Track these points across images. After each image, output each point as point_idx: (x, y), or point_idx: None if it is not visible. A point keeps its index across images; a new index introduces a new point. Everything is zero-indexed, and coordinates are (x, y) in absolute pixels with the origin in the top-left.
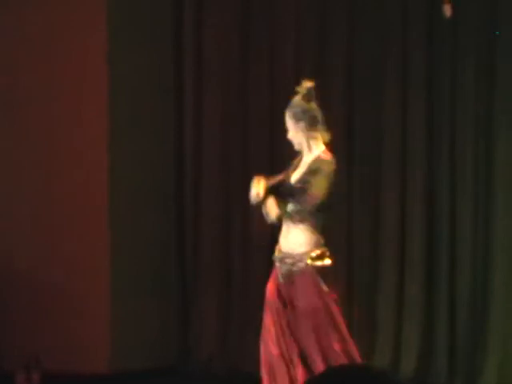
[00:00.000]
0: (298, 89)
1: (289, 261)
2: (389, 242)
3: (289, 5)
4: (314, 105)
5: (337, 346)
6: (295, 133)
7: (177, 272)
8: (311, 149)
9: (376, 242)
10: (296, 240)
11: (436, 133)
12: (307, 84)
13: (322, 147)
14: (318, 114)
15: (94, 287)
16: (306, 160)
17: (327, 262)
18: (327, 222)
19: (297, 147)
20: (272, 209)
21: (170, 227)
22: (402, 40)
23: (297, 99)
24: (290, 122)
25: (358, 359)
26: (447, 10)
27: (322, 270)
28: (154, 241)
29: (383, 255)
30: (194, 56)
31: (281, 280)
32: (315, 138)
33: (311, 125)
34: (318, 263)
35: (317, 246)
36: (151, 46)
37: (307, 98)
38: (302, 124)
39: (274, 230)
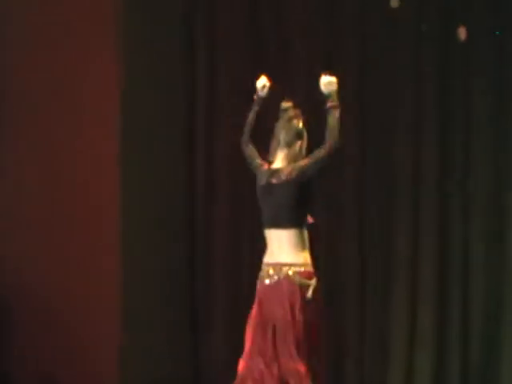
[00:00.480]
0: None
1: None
2: (400, 269)
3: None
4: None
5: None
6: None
7: (188, 286)
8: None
9: (387, 268)
10: None
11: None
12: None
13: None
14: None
15: (105, 301)
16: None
17: None
18: None
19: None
20: None
21: (182, 241)
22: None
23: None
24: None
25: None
26: (462, 33)
27: None
28: (166, 255)
29: (395, 282)
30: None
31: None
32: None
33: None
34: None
35: None
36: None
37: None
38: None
39: None
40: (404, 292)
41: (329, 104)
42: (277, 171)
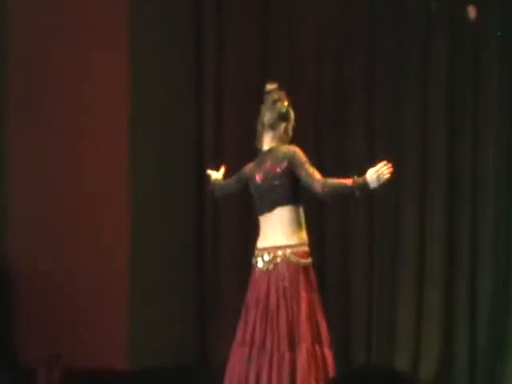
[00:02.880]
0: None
1: None
2: (408, 250)
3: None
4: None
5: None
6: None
7: (196, 274)
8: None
9: (395, 251)
10: None
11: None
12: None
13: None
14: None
15: (114, 288)
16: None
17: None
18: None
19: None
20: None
21: (190, 229)
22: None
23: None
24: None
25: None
26: (471, 12)
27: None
28: (174, 243)
29: (403, 265)
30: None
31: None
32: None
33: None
34: None
35: None
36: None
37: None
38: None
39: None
40: (411, 277)
41: (355, 177)
42: (269, 155)
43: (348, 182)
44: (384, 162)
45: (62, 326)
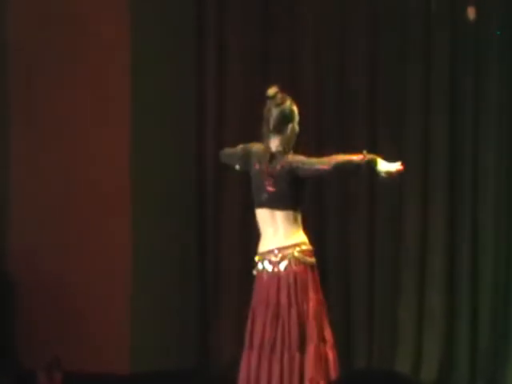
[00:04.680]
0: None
1: None
2: (409, 252)
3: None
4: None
5: None
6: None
7: (197, 274)
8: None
9: (397, 252)
10: None
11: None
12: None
13: None
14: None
15: (115, 289)
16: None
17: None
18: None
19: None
20: None
21: (191, 229)
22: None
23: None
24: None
25: None
26: (471, 13)
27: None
28: (175, 243)
29: (404, 266)
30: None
31: None
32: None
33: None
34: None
35: None
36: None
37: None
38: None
39: None
40: (412, 275)
41: (365, 151)
42: (273, 157)
43: (356, 157)
44: (399, 162)
45: (62, 329)
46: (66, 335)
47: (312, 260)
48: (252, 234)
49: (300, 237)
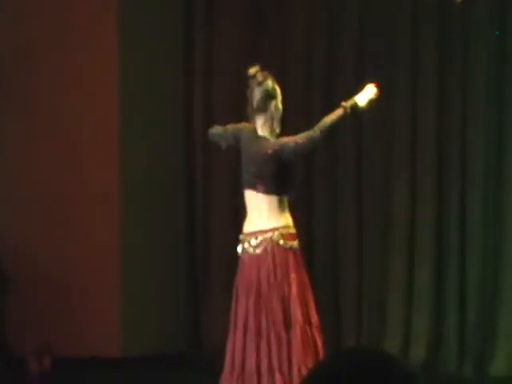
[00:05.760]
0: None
1: None
2: (398, 229)
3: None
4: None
5: None
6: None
7: (187, 259)
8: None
9: (385, 230)
10: None
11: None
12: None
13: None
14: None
15: (105, 274)
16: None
17: None
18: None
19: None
20: None
21: (180, 220)
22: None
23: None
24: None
25: None
26: None
27: None
28: (165, 230)
29: (392, 243)
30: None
31: None
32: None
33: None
34: None
35: None
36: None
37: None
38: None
39: None
40: (401, 253)
41: (343, 102)
42: (260, 140)
43: (337, 112)
44: (371, 84)
45: (53, 314)
46: (56, 321)
47: (293, 243)
48: (241, 220)
49: (282, 220)
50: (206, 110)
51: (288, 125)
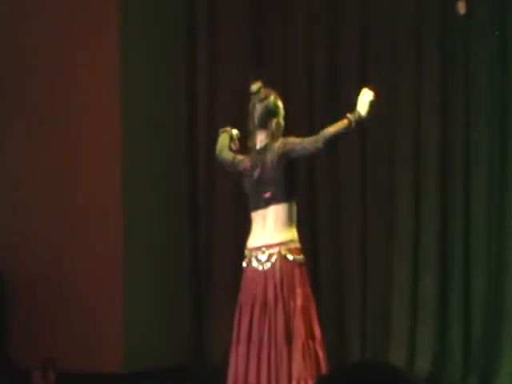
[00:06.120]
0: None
1: None
2: (402, 241)
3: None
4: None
5: None
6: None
7: (190, 273)
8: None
9: (389, 241)
10: None
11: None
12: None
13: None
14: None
15: (108, 289)
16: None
17: None
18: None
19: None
20: None
21: (184, 226)
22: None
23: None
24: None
25: None
26: (461, 8)
27: None
28: (168, 242)
29: (397, 255)
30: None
31: None
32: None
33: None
34: None
35: None
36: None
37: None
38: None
39: None
40: (405, 263)
41: (348, 114)
42: (263, 149)
43: (342, 123)
44: (365, 89)
45: (56, 328)
46: (59, 335)
47: (299, 257)
48: (245, 232)
49: (288, 234)
50: (208, 110)
51: (291, 124)
